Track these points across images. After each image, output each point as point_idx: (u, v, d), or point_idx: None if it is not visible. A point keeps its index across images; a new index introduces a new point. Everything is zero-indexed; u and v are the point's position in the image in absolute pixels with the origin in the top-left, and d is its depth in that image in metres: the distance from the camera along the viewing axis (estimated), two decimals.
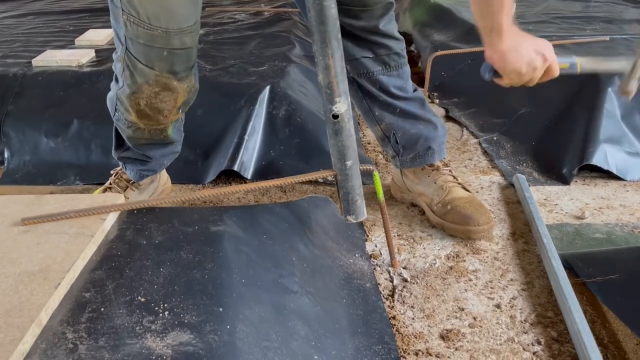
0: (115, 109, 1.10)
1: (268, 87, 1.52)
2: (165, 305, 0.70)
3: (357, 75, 1.17)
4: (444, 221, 1.17)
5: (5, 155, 1.50)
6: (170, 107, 1.05)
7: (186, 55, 0.99)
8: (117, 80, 1.06)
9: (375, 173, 1.05)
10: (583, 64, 1.05)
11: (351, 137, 0.90)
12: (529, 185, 1.35)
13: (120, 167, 1.26)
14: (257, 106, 1.50)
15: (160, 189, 1.30)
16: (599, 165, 1.38)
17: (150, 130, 1.11)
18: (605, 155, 1.39)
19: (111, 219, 0.88)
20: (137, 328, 0.66)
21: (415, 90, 1.22)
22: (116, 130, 1.17)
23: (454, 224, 1.15)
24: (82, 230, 0.83)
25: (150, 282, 0.74)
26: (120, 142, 1.19)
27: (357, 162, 0.92)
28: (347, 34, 1.12)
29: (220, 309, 0.71)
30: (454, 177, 1.23)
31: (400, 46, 1.17)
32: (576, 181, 1.40)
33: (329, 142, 0.93)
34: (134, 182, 1.24)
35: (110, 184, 1.26)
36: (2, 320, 0.65)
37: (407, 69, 1.20)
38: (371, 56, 1.15)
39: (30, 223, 0.86)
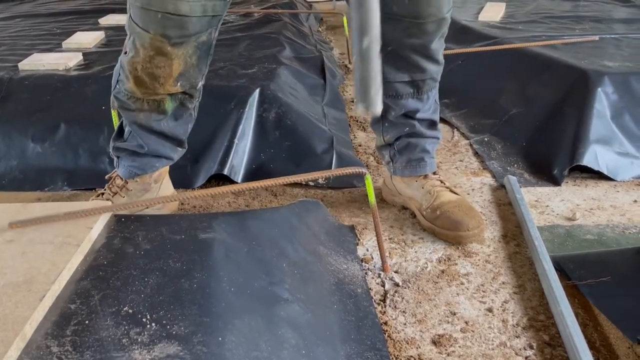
0: (117, 80, 1.12)
1: (258, 90, 1.51)
2: (153, 316, 0.69)
3: (385, 96, 1.16)
4: (434, 226, 1.16)
5: None
6: (165, 75, 1.06)
7: (180, 22, 0.99)
8: (124, 52, 1.09)
9: (368, 176, 1.04)
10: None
11: (375, 11, 0.79)
12: (520, 187, 1.34)
13: (115, 163, 1.24)
14: (247, 109, 1.48)
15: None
16: (589, 165, 1.38)
17: (148, 101, 1.11)
18: (595, 155, 1.40)
19: (98, 227, 0.87)
20: (124, 340, 0.65)
21: (435, 111, 1.21)
22: (119, 115, 1.18)
23: (444, 230, 1.14)
24: (68, 239, 0.82)
25: (137, 292, 0.73)
26: (120, 132, 1.20)
27: (378, 42, 0.81)
28: (391, 54, 1.09)
29: (209, 319, 0.70)
30: (441, 182, 1.23)
31: (438, 70, 1.14)
32: (567, 182, 1.40)
33: (352, 17, 0.81)
34: (124, 188, 1.22)
35: (104, 189, 1.25)
36: None
37: (435, 92, 1.18)
38: (406, 80, 1.13)
39: (18, 226, 0.84)
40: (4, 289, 0.71)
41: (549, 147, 1.47)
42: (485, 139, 1.63)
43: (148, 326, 0.68)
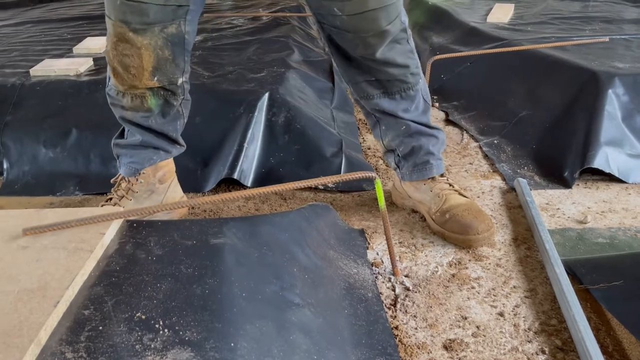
0: (107, 77, 1.16)
1: (267, 94, 1.52)
2: (166, 322, 0.70)
3: (360, 97, 1.18)
4: (443, 230, 1.16)
5: (5, 166, 1.50)
6: (135, 65, 1.07)
7: (138, 8, 1.01)
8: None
9: (377, 181, 1.04)
10: None
11: None
12: (531, 190, 1.34)
13: (117, 165, 1.25)
14: (256, 113, 1.49)
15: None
16: (600, 168, 1.37)
17: (132, 97, 1.13)
18: (606, 157, 1.39)
19: (110, 233, 0.87)
20: (137, 346, 0.66)
21: (425, 111, 1.21)
22: None
23: (454, 233, 1.14)
24: (81, 245, 0.83)
25: (149, 298, 0.74)
26: (122, 132, 1.23)
27: None
28: (348, 57, 1.12)
29: (221, 325, 0.70)
30: (450, 185, 1.22)
31: (402, 72, 1.13)
32: (578, 184, 1.39)
33: None
34: (130, 190, 1.22)
35: (111, 193, 1.26)
36: (1, 340, 0.64)
37: (413, 92, 1.16)
38: (372, 79, 1.14)
39: (31, 234, 0.85)
40: (19, 295, 0.72)
41: (559, 149, 1.47)
42: (495, 142, 1.62)
43: (161, 332, 0.68)
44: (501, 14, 2.25)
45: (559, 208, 1.30)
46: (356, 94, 1.18)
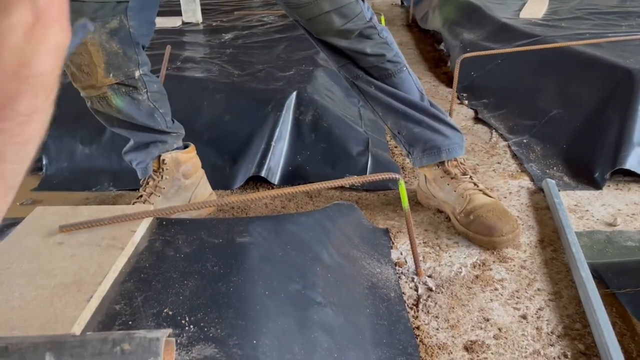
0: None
1: (295, 93, 1.54)
2: (191, 318, 0.72)
3: (353, 77, 1.19)
4: (468, 231, 1.16)
5: (44, 162, 1.56)
6: (87, 62, 1.09)
7: (77, 7, 1.01)
8: None
9: (401, 182, 1.05)
10: None
11: None
12: (559, 190, 1.32)
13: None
14: (284, 112, 1.51)
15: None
16: (632, 169, 1.35)
17: (98, 100, 1.15)
18: (639, 159, 1.36)
19: (140, 230, 0.91)
20: None
21: (422, 99, 1.21)
22: None
23: (478, 235, 1.14)
24: (113, 242, 0.87)
25: (176, 294, 0.77)
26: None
27: None
28: (328, 45, 1.15)
29: (244, 322, 0.73)
30: (475, 184, 1.21)
31: (379, 60, 1.15)
32: (609, 186, 1.36)
33: None
34: (157, 187, 1.26)
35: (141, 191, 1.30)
36: (37, 333, 0.68)
37: (397, 79, 1.18)
38: (356, 63, 1.17)
39: (67, 231, 0.89)
40: (55, 290, 0.76)
41: (590, 149, 1.44)
42: (524, 141, 1.60)
43: (187, 328, 0.71)
44: (535, 9, 2.21)
45: (587, 210, 1.28)
46: (349, 74, 1.19)
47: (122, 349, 0.52)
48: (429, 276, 1.08)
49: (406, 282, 1.07)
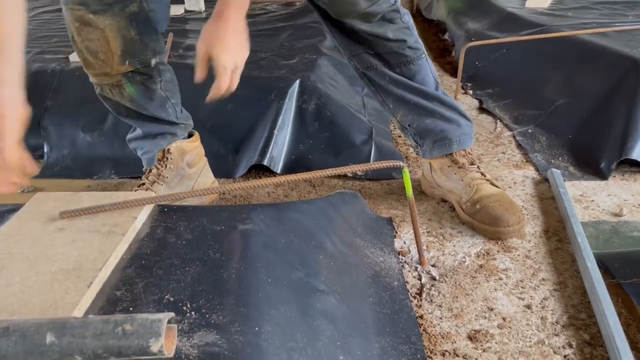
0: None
1: (298, 81, 1.53)
2: (193, 305, 0.72)
3: (365, 68, 1.16)
4: (473, 220, 1.15)
5: (45, 149, 1.55)
6: (103, 49, 1.06)
7: None
8: None
9: (405, 170, 1.03)
10: None
11: None
12: (565, 180, 1.31)
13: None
14: (286, 100, 1.50)
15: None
16: (639, 160, 1.33)
17: (110, 88, 1.13)
18: None
19: (142, 217, 0.90)
20: None
21: (436, 88, 1.18)
22: None
23: (484, 225, 1.13)
24: (114, 228, 0.86)
25: (178, 281, 0.76)
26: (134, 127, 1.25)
27: None
28: (344, 30, 1.12)
29: (246, 309, 0.72)
30: (482, 174, 1.20)
31: (400, 45, 1.12)
32: (614, 176, 1.35)
33: None
34: (160, 175, 1.25)
35: (143, 179, 1.29)
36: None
37: (415, 67, 1.15)
38: (372, 52, 1.14)
39: (68, 217, 0.89)
40: (56, 276, 0.75)
41: (596, 139, 1.43)
42: (529, 131, 1.59)
43: (188, 314, 0.70)
44: None
45: (593, 200, 1.27)
46: (361, 65, 1.16)
47: (123, 329, 0.52)
48: (433, 265, 1.07)
49: (409, 271, 1.06)
